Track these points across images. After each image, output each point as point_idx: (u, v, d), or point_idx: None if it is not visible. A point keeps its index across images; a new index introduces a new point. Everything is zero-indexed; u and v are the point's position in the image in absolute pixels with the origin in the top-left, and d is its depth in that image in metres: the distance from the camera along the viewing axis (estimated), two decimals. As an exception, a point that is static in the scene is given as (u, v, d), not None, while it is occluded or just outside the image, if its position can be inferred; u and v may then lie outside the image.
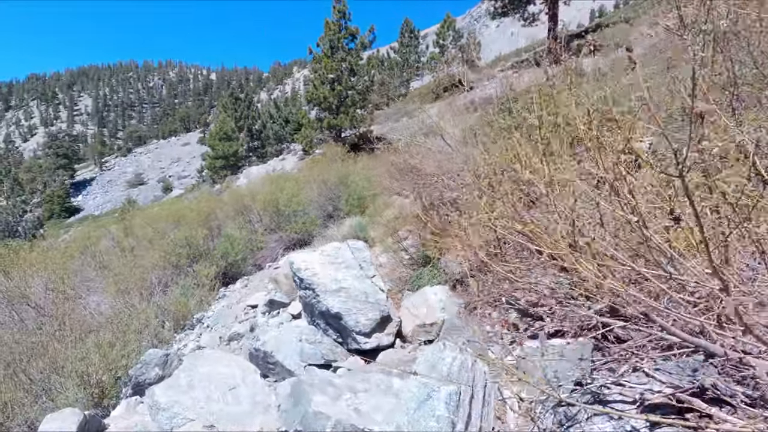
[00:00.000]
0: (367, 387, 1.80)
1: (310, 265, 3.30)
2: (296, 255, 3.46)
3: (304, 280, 3.28)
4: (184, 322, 6.26)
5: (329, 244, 3.57)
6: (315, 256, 3.41)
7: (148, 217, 8.60)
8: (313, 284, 3.23)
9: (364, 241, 8.53)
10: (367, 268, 3.44)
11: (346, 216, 11.00)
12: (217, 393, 2.48)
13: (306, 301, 3.40)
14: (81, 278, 8.10)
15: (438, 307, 3.57)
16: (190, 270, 7.83)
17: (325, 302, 3.17)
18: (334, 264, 3.37)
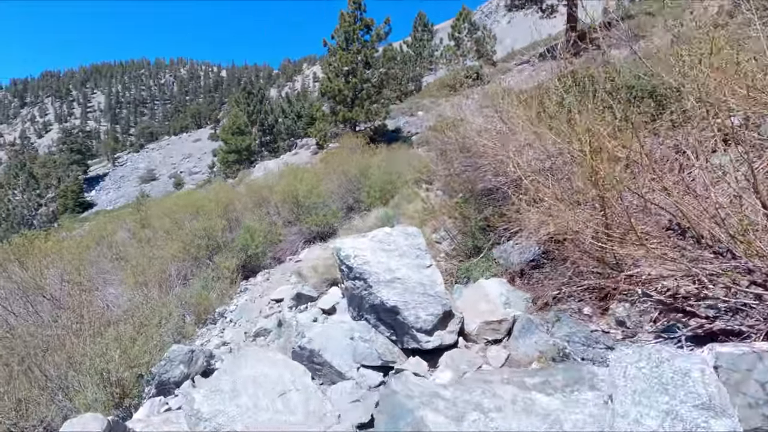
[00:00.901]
0: (499, 404, 1.38)
1: (360, 252, 2.89)
2: (344, 240, 3.04)
3: (353, 269, 2.87)
4: (206, 316, 5.91)
5: (379, 230, 3.15)
6: (365, 242, 3.00)
7: (165, 208, 8.28)
8: (365, 273, 2.82)
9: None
10: (422, 256, 3.02)
11: (368, 208, 10.61)
12: (265, 400, 2.09)
13: (354, 293, 2.99)
14: (97, 269, 7.81)
15: (500, 302, 3.15)
16: (209, 262, 7.50)
17: (379, 294, 2.75)
18: (387, 251, 2.96)
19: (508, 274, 3.76)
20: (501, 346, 2.80)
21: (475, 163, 4.26)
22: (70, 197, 55.63)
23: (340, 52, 22.79)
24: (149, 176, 62.05)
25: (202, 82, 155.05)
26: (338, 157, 11.51)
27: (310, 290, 5.61)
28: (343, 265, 2.97)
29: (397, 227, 3.17)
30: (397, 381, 1.66)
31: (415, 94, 39.07)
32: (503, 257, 3.92)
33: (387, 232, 3.08)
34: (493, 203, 4.91)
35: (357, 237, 3.09)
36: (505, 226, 3.90)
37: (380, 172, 10.89)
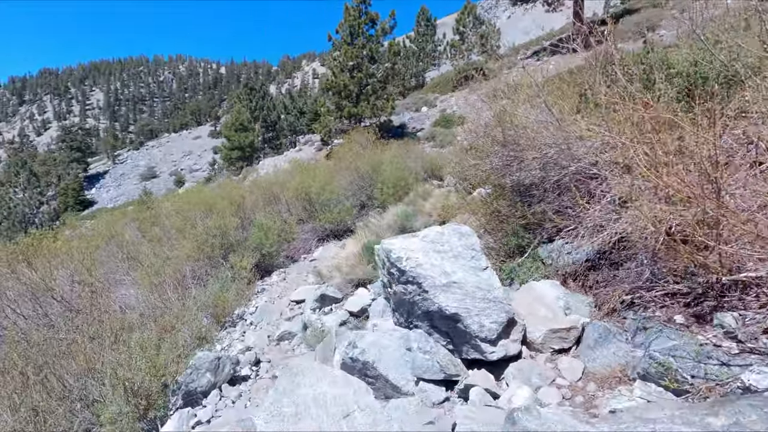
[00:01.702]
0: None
1: (413, 254, 2.64)
2: (393, 241, 2.79)
3: (405, 273, 2.63)
4: (225, 318, 5.67)
5: (429, 228, 2.90)
6: (416, 242, 2.75)
7: (176, 205, 8.02)
8: (419, 277, 2.58)
9: (409, 232, 7.89)
10: (477, 257, 2.78)
11: (382, 205, 10.35)
12: (329, 422, 1.86)
13: (404, 298, 2.74)
14: (107, 270, 7.56)
15: (558, 307, 2.91)
16: (223, 262, 7.25)
17: (436, 300, 2.51)
18: (440, 252, 2.71)
19: (559, 275, 3.51)
20: (571, 356, 2.55)
21: (516, 156, 3.99)
22: (71, 195, 55.34)
23: (345, 46, 22.46)
24: (150, 174, 61.75)
25: (201, 79, 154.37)
26: (349, 152, 11.23)
27: (334, 291, 5.37)
28: (393, 268, 2.72)
29: (448, 226, 2.92)
30: (528, 416, 1.41)
31: (419, 89, 38.79)
32: (551, 257, 3.67)
33: (439, 232, 2.83)
34: (531, 199, 4.66)
35: (407, 237, 2.84)
36: (557, 223, 3.65)
37: (392, 168, 10.63)
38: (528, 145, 3.60)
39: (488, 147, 4.23)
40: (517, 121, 3.66)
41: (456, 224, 2.93)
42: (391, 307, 3.08)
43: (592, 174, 3.38)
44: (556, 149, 3.50)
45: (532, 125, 3.69)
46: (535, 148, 3.62)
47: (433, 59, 41.19)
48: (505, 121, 3.88)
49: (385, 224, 7.70)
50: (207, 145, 69.04)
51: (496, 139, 4.00)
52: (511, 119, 3.68)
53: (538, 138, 3.59)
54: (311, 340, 4.55)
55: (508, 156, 4.03)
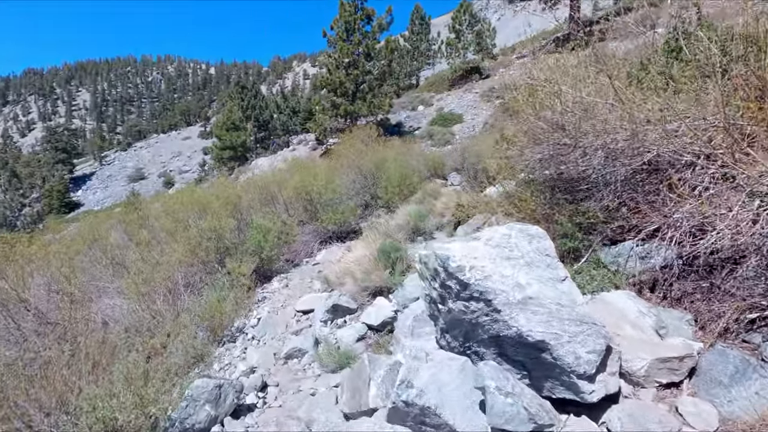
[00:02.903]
0: None
1: (477, 263, 2.05)
2: (451, 246, 2.20)
3: (469, 286, 2.04)
4: (223, 332, 5.02)
5: (491, 229, 2.31)
6: (479, 247, 2.16)
7: (166, 206, 7.33)
8: (488, 292, 1.99)
9: (422, 234, 7.30)
10: (554, 265, 2.20)
11: (386, 205, 9.76)
12: None
13: (464, 317, 2.15)
14: (90, 277, 6.86)
15: (648, 325, 2.34)
16: (218, 267, 6.59)
17: (514, 322, 1.92)
18: (510, 260, 2.13)
19: (631, 284, 2.95)
20: (686, 393, 1.97)
21: (567, 145, 3.42)
22: (56, 197, 53.91)
23: (341, 43, 21.84)
24: (138, 175, 60.42)
25: (190, 79, 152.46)
26: (351, 149, 10.61)
27: (348, 301, 4.76)
28: (451, 280, 2.13)
29: (512, 226, 2.33)
30: None
31: (413, 89, 38.23)
32: (616, 262, 3.10)
33: (504, 234, 2.25)
34: (575, 195, 4.09)
35: (467, 240, 2.25)
36: (623, 222, 3.08)
37: (397, 166, 10.03)
38: (590, 130, 3.03)
39: (537, 134, 3.64)
40: (572, 101, 3.08)
41: (521, 224, 2.34)
42: (440, 326, 2.47)
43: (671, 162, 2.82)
44: (624, 134, 2.93)
45: (594, 107, 3.12)
46: (597, 134, 3.05)
47: (428, 58, 40.68)
48: (554, 103, 3.30)
49: (395, 225, 7.11)
50: (197, 146, 67.92)
51: (544, 125, 3.43)
52: (567, 100, 3.10)
53: (597, 123, 3.02)
54: (326, 358, 3.93)
55: (557, 145, 3.45)
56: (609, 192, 3.54)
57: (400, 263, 5.00)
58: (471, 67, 29.96)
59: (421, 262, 2.41)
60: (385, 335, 4.07)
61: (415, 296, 4.07)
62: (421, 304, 3.73)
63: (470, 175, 9.76)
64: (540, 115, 3.28)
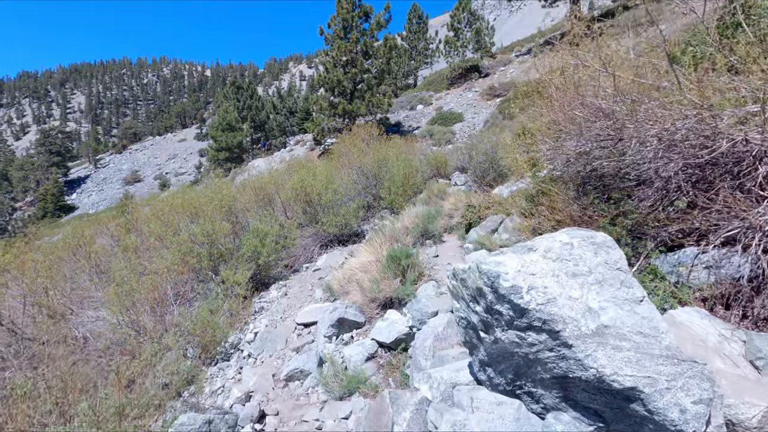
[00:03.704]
0: None
1: (538, 281, 1.58)
2: (502, 259, 1.71)
3: (528, 312, 1.56)
4: (215, 349, 4.53)
5: (548, 238, 1.83)
6: (537, 260, 1.69)
7: (155, 209, 6.83)
8: (554, 321, 1.52)
9: (431, 237, 6.82)
10: (628, 282, 1.72)
11: (390, 207, 9.29)
12: None
13: (514, 351, 1.68)
14: (73, 286, 6.36)
15: (739, 355, 1.88)
16: (212, 275, 6.10)
17: (592, 361, 1.45)
18: (577, 276, 1.65)
19: (699, 299, 2.47)
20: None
21: (607, 137, 2.95)
22: (50, 200, 53.23)
23: (338, 41, 21.37)
24: (133, 178, 59.77)
25: (186, 81, 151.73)
26: (352, 148, 10.13)
27: (355, 314, 4.27)
28: (502, 303, 1.65)
29: (572, 233, 1.85)
30: None
31: (411, 89, 37.81)
32: (676, 272, 2.63)
33: (565, 243, 1.77)
34: (609, 193, 3.62)
35: (521, 253, 1.77)
36: (684, 225, 2.62)
37: (401, 166, 9.56)
38: (645, 117, 2.56)
39: (573, 124, 3.16)
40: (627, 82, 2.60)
41: (583, 230, 1.87)
42: (479, 357, 1.99)
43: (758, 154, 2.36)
44: (689, 122, 2.46)
45: (649, 91, 2.65)
46: (655, 121, 2.58)
47: (426, 57, 40.26)
48: (598, 87, 2.82)
49: (401, 227, 6.63)
50: (193, 148, 67.34)
51: (582, 114, 2.95)
52: (618, 83, 2.62)
53: (656, 108, 2.55)
54: (332, 382, 3.45)
55: (599, 136, 2.98)
56: (656, 190, 3.08)
57: (411, 271, 4.53)
58: (470, 66, 29.57)
59: (456, 278, 1.93)
60: (399, 354, 3.59)
61: (433, 310, 3.60)
62: (442, 321, 3.26)
63: (477, 175, 9.28)
64: (584, 102, 2.80)
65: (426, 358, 2.97)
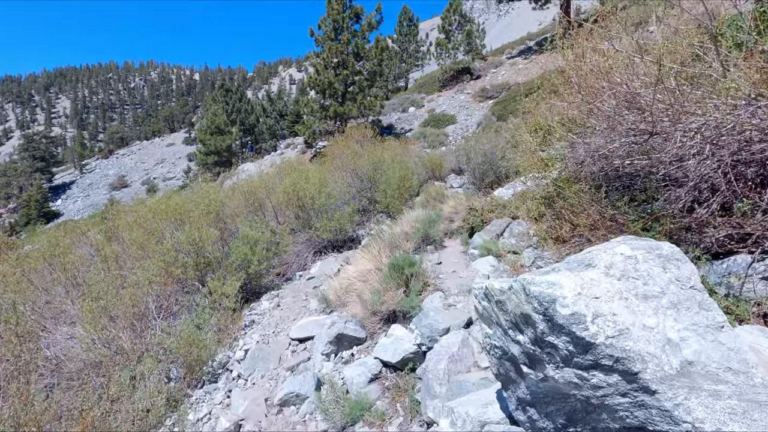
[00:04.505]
0: None
1: (603, 306, 1.24)
2: (556, 279, 1.37)
3: (595, 347, 1.22)
4: (201, 370, 4.12)
5: (605, 250, 1.49)
6: (597, 278, 1.35)
7: (137, 215, 6.40)
8: (629, 358, 1.18)
9: (432, 242, 6.48)
10: (705, 303, 1.39)
11: (385, 210, 8.94)
12: None
13: (575, 392, 1.33)
14: (48, 299, 5.90)
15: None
16: (199, 286, 5.69)
17: (684, 413, 1.12)
18: (648, 299, 1.32)
19: (756, 315, 2.16)
20: None
21: (639, 132, 2.64)
22: (34, 207, 52.03)
23: (329, 42, 21.03)
24: (120, 183, 58.71)
25: (174, 85, 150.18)
26: (346, 150, 9.77)
27: (355, 328, 3.90)
28: (558, 335, 1.30)
29: (636, 243, 1.52)
30: None
31: (402, 91, 37.59)
32: (726, 283, 2.31)
33: (627, 256, 1.43)
34: (632, 195, 3.32)
35: (577, 270, 1.42)
36: (729, 231, 2.31)
37: (396, 168, 9.22)
38: (683, 110, 2.24)
39: (599, 118, 2.84)
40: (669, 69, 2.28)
41: (644, 240, 1.54)
42: (518, 395, 1.65)
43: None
44: (737, 114, 2.15)
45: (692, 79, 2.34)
46: (697, 114, 2.26)
47: (417, 60, 40.11)
48: (632, 75, 2.50)
49: (400, 232, 6.28)
50: (181, 153, 66.48)
51: (607, 107, 2.63)
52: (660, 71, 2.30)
53: (699, 99, 2.24)
54: (332, 408, 3.08)
55: (632, 130, 2.66)
56: (689, 190, 2.78)
57: (415, 280, 4.18)
58: (461, 68, 29.41)
59: (489, 299, 1.59)
60: (406, 375, 3.23)
61: (444, 326, 3.25)
62: (455, 339, 2.91)
63: (476, 176, 8.98)
64: (615, 93, 2.48)
65: (440, 383, 2.61)
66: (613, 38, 2.55)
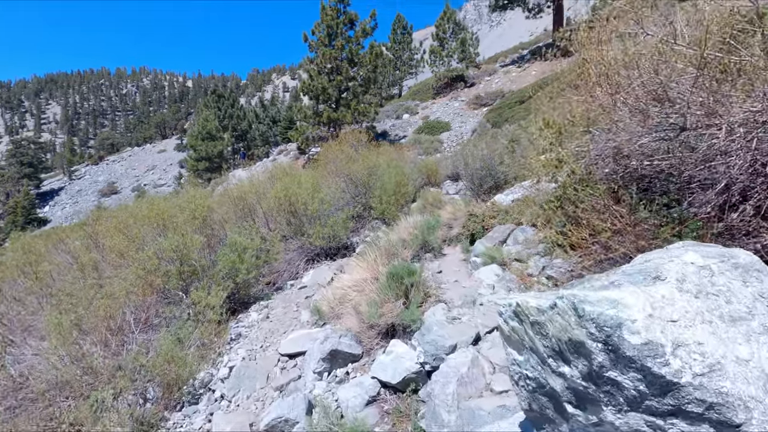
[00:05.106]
0: None
1: (683, 332, 0.94)
2: (614, 296, 1.06)
3: (680, 388, 0.92)
4: (181, 390, 3.75)
5: (674, 260, 1.19)
6: (669, 295, 1.05)
7: (118, 221, 6.01)
8: (727, 404, 0.87)
9: (430, 250, 6.16)
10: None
11: (381, 217, 8.63)
12: None
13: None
14: (18, 311, 5.49)
15: None
16: (183, 296, 5.32)
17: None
18: (737, 321, 1.02)
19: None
20: None
21: (669, 126, 2.37)
22: (21, 213, 50.98)
23: (323, 48, 20.81)
24: (110, 189, 57.84)
25: (166, 92, 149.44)
26: (340, 155, 9.47)
27: (350, 344, 3.57)
28: (625, 369, 0.99)
29: (699, 249, 1.22)
30: None
31: (397, 98, 37.46)
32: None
33: (701, 266, 1.14)
34: (650, 197, 3.04)
35: (643, 284, 1.12)
36: None
37: (392, 173, 8.92)
38: (717, 101, 1.97)
39: (623, 111, 2.55)
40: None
41: (712, 246, 1.25)
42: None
43: None
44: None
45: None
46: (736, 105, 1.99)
47: (410, 68, 40.09)
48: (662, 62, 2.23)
49: (397, 239, 5.96)
50: (173, 159, 65.78)
51: (631, 101, 2.35)
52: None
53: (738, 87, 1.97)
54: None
55: (662, 124, 2.38)
56: (720, 192, 2.51)
57: (416, 291, 3.86)
58: (456, 75, 29.35)
59: (521, 320, 1.28)
60: (408, 398, 2.89)
61: (450, 343, 2.92)
62: (464, 359, 2.59)
63: (474, 182, 8.71)
64: (644, 83, 2.20)
65: (449, 409, 2.29)
66: (641, 22, 2.28)
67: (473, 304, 3.76)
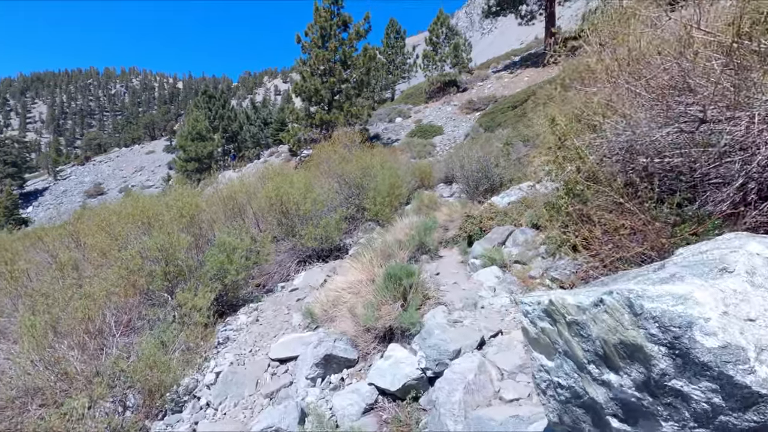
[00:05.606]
0: None
1: (764, 333, 0.76)
2: (681, 291, 0.90)
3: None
4: (164, 397, 3.51)
5: (738, 251, 1.03)
6: (741, 289, 0.89)
7: (101, 218, 5.74)
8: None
9: (427, 252, 6.00)
10: None
11: (374, 218, 8.45)
12: None
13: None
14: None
15: None
16: (168, 298, 5.07)
17: None
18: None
19: None
20: None
21: (689, 119, 2.24)
22: (2, 214, 49.83)
23: (316, 49, 20.65)
24: (96, 190, 56.79)
25: (156, 93, 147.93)
26: (333, 155, 9.28)
27: (345, 348, 3.37)
28: (697, 379, 0.82)
29: (762, 239, 1.05)
30: None
31: (390, 102, 37.44)
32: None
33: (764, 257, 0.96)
34: (659, 195, 2.91)
35: (709, 276, 0.95)
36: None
37: (386, 174, 8.75)
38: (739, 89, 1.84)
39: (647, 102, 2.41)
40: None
41: (761, 236, 1.10)
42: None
43: None
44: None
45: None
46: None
47: (403, 72, 40.15)
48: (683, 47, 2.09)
49: (393, 240, 5.78)
50: (161, 161, 64.94)
51: (650, 91, 2.22)
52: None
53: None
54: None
55: (683, 116, 2.25)
56: (736, 189, 2.39)
57: (414, 292, 3.68)
58: (448, 80, 29.42)
59: (556, 319, 1.11)
60: (408, 406, 2.70)
61: (454, 348, 2.74)
62: (470, 365, 2.41)
63: (470, 185, 8.59)
64: (667, 70, 2.07)
65: (455, 419, 2.10)
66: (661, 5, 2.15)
67: (474, 307, 3.60)
